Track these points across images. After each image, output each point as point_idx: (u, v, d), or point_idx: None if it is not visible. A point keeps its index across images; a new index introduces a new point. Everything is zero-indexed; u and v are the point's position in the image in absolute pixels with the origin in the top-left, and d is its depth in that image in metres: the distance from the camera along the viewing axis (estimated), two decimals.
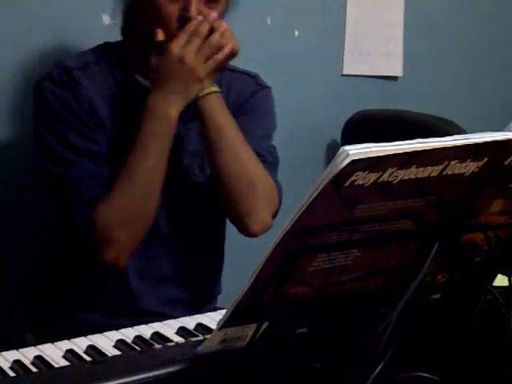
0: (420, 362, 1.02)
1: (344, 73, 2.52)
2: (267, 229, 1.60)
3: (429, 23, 2.69)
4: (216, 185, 1.58)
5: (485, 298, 1.09)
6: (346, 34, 2.49)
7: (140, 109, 1.53)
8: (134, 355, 1.16)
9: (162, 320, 1.32)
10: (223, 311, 0.94)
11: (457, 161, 0.87)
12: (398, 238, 0.94)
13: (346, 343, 1.00)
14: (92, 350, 1.19)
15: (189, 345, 1.13)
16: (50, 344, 1.21)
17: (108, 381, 0.94)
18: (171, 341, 1.23)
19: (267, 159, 1.65)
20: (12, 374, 1.10)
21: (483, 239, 1.03)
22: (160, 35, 1.51)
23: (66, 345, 1.20)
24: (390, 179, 0.84)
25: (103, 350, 1.19)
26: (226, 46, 1.53)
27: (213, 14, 1.52)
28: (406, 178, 0.85)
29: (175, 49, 1.49)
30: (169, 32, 1.51)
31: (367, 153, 0.79)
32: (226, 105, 1.60)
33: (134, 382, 0.95)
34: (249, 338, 0.96)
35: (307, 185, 0.82)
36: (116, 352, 1.19)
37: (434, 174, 0.87)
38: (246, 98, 1.69)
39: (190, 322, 1.31)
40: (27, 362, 1.14)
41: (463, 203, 0.95)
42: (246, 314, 0.93)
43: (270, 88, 1.75)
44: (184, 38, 1.50)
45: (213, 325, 1.26)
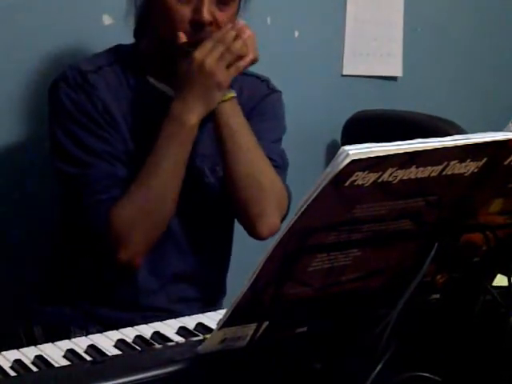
0: (420, 362, 1.02)
1: (344, 73, 2.52)
2: (276, 232, 1.61)
3: (429, 23, 2.69)
4: (228, 186, 1.59)
5: (484, 297, 1.09)
6: (346, 35, 2.49)
7: (153, 110, 1.55)
8: (134, 355, 1.16)
9: (172, 317, 1.32)
10: (223, 311, 0.94)
11: (456, 161, 0.88)
12: (398, 238, 0.95)
13: (346, 343, 1.00)
14: (92, 349, 1.19)
15: (189, 344, 1.13)
16: (51, 343, 1.21)
17: (108, 380, 0.94)
18: (171, 340, 1.23)
19: (278, 163, 1.67)
20: (13, 373, 1.10)
21: (482, 239, 1.03)
22: (182, 37, 1.52)
23: (66, 344, 1.20)
24: (390, 179, 0.84)
25: (103, 350, 1.19)
26: (248, 54, 1.54)
27: (241, 22, 1.55)
28: (405, 178, 0.85)
29: (198, 55, 1.50)
30: (192, 38, 1.52)
31: (367, 153, 0.80)
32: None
33: (135, 381, 0.95)
34: (249, 337, 0.96)
35: (307, 185, 0.82)
36: (116, 351, 1.19)
37: (433, 174, 0.87)
38: (258, 101, 1.71)
39: (190, 321, 1.31)
40: (28, 362, 1.14)
41: (463, 203, 0.96)
42: (246, 314, 0.93)
43: (280, 92, 1.77)
44: (209, 45, 1.51)
45: (213, 324, 1.26)
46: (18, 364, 1.13)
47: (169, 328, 1.28)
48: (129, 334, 1.26)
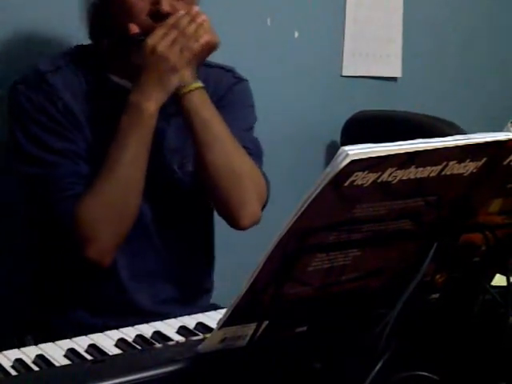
0: (419, 362, 1.02)
1: (343, 74, 2.52)
2: (257, 221, 1.60)
3: (428, 24, 2.69)
4: (204, 179, 1.57)
5: (483, 297, 1.09)
6: (346, 35, 2.49)
7: (116, 107, 1.52)
8: (135, 354, 1.16)
9: (157, 318, 1.32)
10: (223, 310, 0.94)
11: (456, 161, 0.88)
12: (398, 237, 0.95)
13: (346, 343, 1.00)
14: (93, 348, 1.19)
15: (189, 344, 1.14)
16: (51, 343, 1.21)
17: (109, 379, 0.94)
18: (172, 340, 1.23)
19: (253, 151, 1.64)
20: (14, 372, 1.11)
21: (482, 239, 1.03)
22: (134, 28, 1.50)
23: (67, 344, 1.21)
24: (390, 179, 0.84)
25: (104, 349, 1.19)
26: (203, 35, 1.51)
27: (195, 8, 1.52)
28: (405, 178, 0.85)
29: (149, 41, 1.49)
30: (141, 27, 1.51)
31: (366, 153, 0.80)
32: None
33: (135, 380, 0.95)
34: (249, 337, 0.96)
35: (307, 185, 0.83)
36: (117, 351, 1.19)
37: (433, 174, 0.87)
38: (224, 92, 1.68)
39: (190, 321, 1.31)
40: (29, 361, 1.14)
41: (462, 203, 0.96)
42: (246, 314, 0.93)
43: (247, 81, 1.74)
44: (162, 31, 1.49)
45: (213, 324, 1.26)
46: (19, 363, 1.13)
47: (169, 327, 1.28)
48: (129, 333, 1.26)
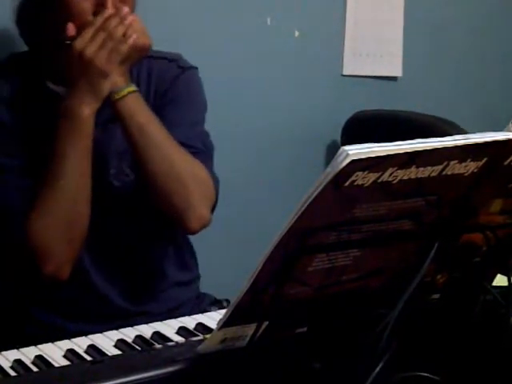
0: (420, 362, 1.02)
1: (344, 73, 2.52)
2: (206, 224, 1.56)
3: (429, 23, 2.69)
4: (147, 185, 1.53)
5: (484, 297, 1.09)
6: (346, 35, 2.49)
7: (52, 115, 1.48)
8: (135, 355, 1.16)
9: (140, 319, 1.32)
10: (223, 311, 0.94)
11: (456, 161, 0.88)
12: (398, 238, 0.95)
13: (346, 343, 1.00)
14: (92, 349, 1.19)
15: (189, 344, 1.13)
16: (51, 343, 1.21)
17: (108, 380, 0.94)
18: (171, 340, 1.23)
19: (199, 149, 1.59)
20: (13, 373, 1.11)
21: (482, 239, 1.03)
22: (71, 30, 1.47)
23: (66, 344, 1.21)
24: (390, 179, 0.84)
25: (104, 350, 1.19)
26: (131, 36, 1.46)
27: (124, 8, 1.47)
28: (405, 178, 0.85)
29: (77, 44, 1.45)
30: (82, 29, 1.47)
31: (367, 153, 0.80)
32: (149, 96, 1.57)
33: (135, 381, 0.95)
34: (249, 337, 0.96)
35: (307, 185, 0.82)
36: (116, 351, 1.19)
37: (433, 174, 0.87)
38: (168, 85, 1.62)
39: (190, 321, 1.31)
40: (28, 362, 1.14)
41: (463, 203, 0.96)
42: (246, 314, 0.93)
43: (194, 68, 1.68)
44: (89, 33, 1.45)
45: (213, 324, 1.26)
46: (18, 364, 1.13)
47: (169, 328, 1.28)
48: (129, 333, 1.26)
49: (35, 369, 1.12)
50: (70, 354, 1.17)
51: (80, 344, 1.21)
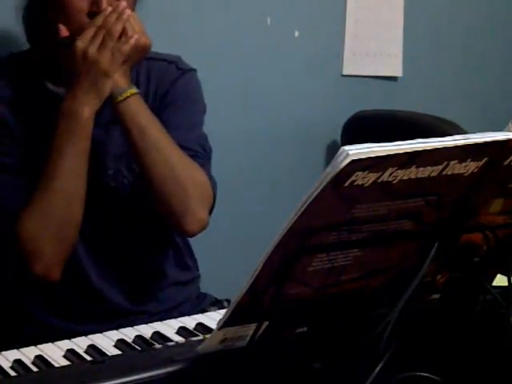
0: (420, 362, 1.02)
1: (344, 73, 2.52)
2: (204, 227, 1.56)
3: (429, 23, 2.69)
4: (147, 188, 1.53)
5: (484, 297, 1.09)
6: (346, 34, 2.49)
7: (51, 116, 1.48)
8: (134, 355, 1.16)
9: (139, 319, 1.31)
10: (223, 311, 0.94)
11: (456, 161, 0.88)
12: (398, 238, 0.95)
13: (346, 343, 1.00)
14: (92, 349, 1.19)
15: (189, 344, 1.14)
16: (51, 344, 1.21)
17: (108, 380, 0.94)
18: (171, 340, 1.23)
19: (198, 153, 1.59)
20: (13, 373, 1.11)
21: (482, 239, 1.03)
22: (64, 31, 1.47)
23: (66, 344, 1.21)
24: (390, 179, 0.84)
25: (104, 350, 1.19)
26: (132, 36, 1.47)
27: (122, 4, 1.47)
28: (405, 178, 0.85)
29: (79, 44, 1.45)
30: (78, 29, 1.47)
31: (367, 153, 0.80)
32: (148, 98, 1.58)
33: (135, 381, 0.95)
34: (249, 337, 0.96)
35: (307, 185, 0.82)
36: (116, 351, 1.19)
37: (433, 174, 0.87)
38: (167, 87, 1.62)
39: (190, 321, 1.31)
40: (28, 362, 1.15)
41: (463, 203, 0.96)
42: (246, 314, 0.93)
43: (193, 70, 1.68)
44: (90, 32, 1.45)
45: (213, 324, 1.26)
46: (18, 364, 1.13)
47: (169, 328, 1.29)
48: (129, 333, 1.26)
49: (35, 369, 1.12)
50: (70, 354, 1.18)
51: (80, 344, 1.21)
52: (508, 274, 1.06)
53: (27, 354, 1.16)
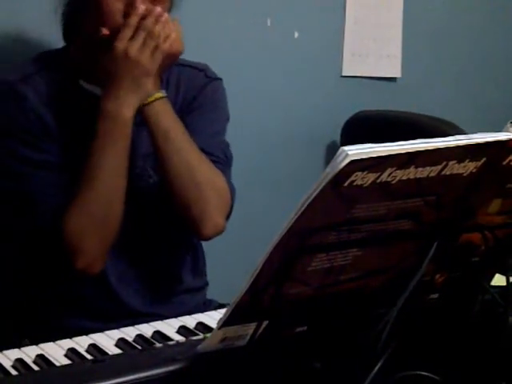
0: (419, 361, 1.02)
1: (343, 74, 2.52)
2: (220, 232, 1.59)
3: (428, 24, 2.69)
4: (166, 189, 1.55)
5: (483, 297, 1.10)
6: (346, 36, 2.50)
7: (88, 115, 1.50)
8: (135, 354, 1.16)
9: (149, 320, 1.32)
10: (223, 310, 0.95)
11: (455, 161, 0.88)
12: (397, 237, 0.95)
13: (346, 343, 1.00)
14: (93, 348, 1.20)
15: (189, 343, 1.14)
16: (52, 343, 1.21)
17: (109, 379, 0.94)
18: (172, 339, 1.24)
19: (219, 159, 1.62)
20: (14, 372, 1.11)
21: (481, 239, 1.04)
22: (104, 30, 1.48)
23: (67, 343, 1.21)
24: (389, 179, 0.85)
25: (104, 349, 1.20)
26: (170, 37, 1.50)
27: (158, 8, 1.50)
28: (404, 178, 0.86)
29: (119, 44, 1.47)
30: (115, 29, 1.48)
31: (366, 153, 0.80)
32: (177, 102, 1.59)
33: (135, 380, 0.95)
34: (249, 336, 0.96)
35: (307, 185, 0.83)
36: (117, 351, 1.20)
37: (432, 174, 0.87)
38: (196, 93, 1.65)
39: (190, 320, 1.31)
40: (29, 361, 1.15)
41: (461, 203, 0.96)
42: (246, 314, 0.94)
43: (220, 80, 1.71)
44: (128, 32, 1.47)
45: (213, 324, 1.26)
46: (19, 363, 1.14)
47: (169, 327, 1.29)
48: (129, 332, 1.26)
49: (36, 368, 1.13)
50: (71, 353, 1.18)
51: (81, 343, 1.21)
52: (506, 273, 1.06)
53: (28, 353, 1.16)
